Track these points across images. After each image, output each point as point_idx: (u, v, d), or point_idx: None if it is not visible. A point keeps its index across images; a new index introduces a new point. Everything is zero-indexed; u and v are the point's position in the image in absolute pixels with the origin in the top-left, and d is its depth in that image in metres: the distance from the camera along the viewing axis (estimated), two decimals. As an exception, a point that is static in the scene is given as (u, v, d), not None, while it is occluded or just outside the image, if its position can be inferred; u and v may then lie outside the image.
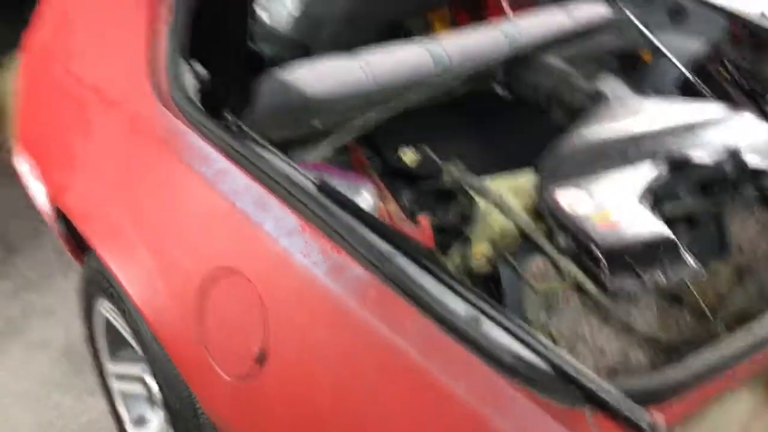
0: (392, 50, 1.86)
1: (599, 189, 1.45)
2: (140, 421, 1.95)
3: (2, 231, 2.93)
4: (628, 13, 2.29)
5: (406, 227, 1.49)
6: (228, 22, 1.81)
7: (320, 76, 1.70)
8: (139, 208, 1.45)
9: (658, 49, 2.25)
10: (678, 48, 2.32)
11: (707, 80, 2.34)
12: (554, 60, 1.93)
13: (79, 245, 1.86)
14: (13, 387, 2.28)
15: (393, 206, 1.59)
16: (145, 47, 1.53)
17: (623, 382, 1.00)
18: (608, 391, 0.95)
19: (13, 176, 2.07)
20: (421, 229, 1.48)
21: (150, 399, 1.85)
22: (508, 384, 0.97)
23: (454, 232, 1.50)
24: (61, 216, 1.77)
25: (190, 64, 1.55)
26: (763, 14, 2.29)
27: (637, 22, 2.27)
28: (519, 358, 0.99)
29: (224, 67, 1.63)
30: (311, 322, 1.13)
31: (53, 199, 1.73)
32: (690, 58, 2.30)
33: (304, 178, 1.29)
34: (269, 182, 1.25)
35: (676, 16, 2.40)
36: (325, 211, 1.18)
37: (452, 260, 1.46)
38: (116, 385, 1.96)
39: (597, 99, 1.79)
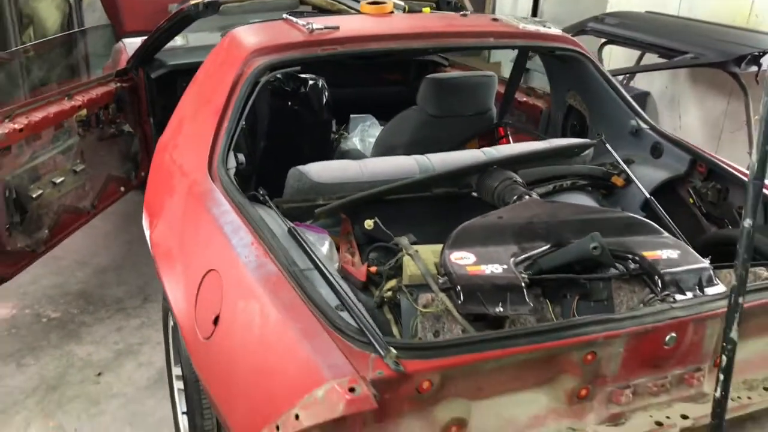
0: (391, 159, 2.60)
1: (486, 252, 2.02)
2: (186, 414, 2.66)
3: (145, 285, 3.91)
4: (608, 146, 2.86)
5: (350, 266, 2.17)
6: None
7: (327, 169, 2.48)
8: (182, 238, 2.26)
9: (628, 176, 2.77)
10: (650, 176, 2.84)
11: (676, 202, 2.82)
12: (506, 171, 2.54)
13: (166, 277, 2.70)
14: (119, 389, 3.12)
15: (353, 254, 2.27)
16: (210, 142, 2.40)
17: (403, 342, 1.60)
18: (381, 342, 1.54)
19: None
20: (359, 269, 2.15)
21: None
22: (328, 332, 1.60)
23: (385, 275, 2.14)
24: (156, 253, 2.63)
25: (235, 155, 2.40)
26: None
27: (613, 153, 2.83)
28: (345, 322, 1.61)
29: (253, 160, 2.47)
30: (241, 296, 1.83)
31: (150, 238, 2.59)
32: (658, 184, 2.79)
33: (280, 226, 2.03)
34: (248, 220, 2.01)
35: (655, 152, 2.92)
36: (271, 239, 1.91)
37: (378, 292, 2.09)
38: (176, 384, 2.71)
39: (523, 198, 2.37)
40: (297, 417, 1.48)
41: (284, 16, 2.90)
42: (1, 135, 2.96)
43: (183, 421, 2.64)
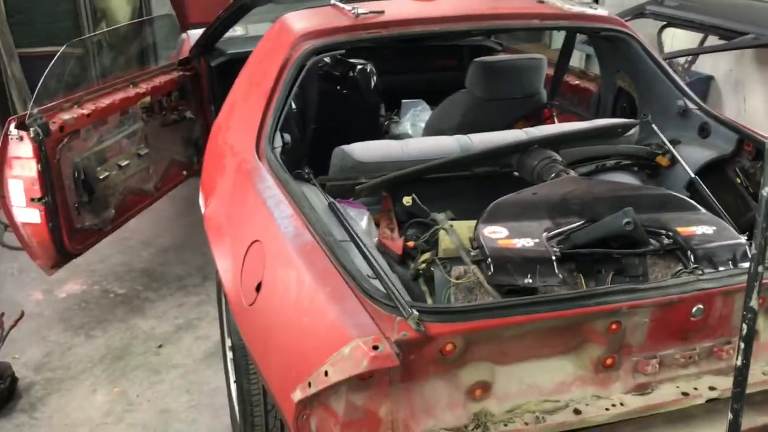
0: (434, 139, 2.67)
1: (519, 226, 2.07)
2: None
3: (205, 265, 4.10)
4: (654, 126, 2.85)
5: (388, 241, 2.25)
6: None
7: (369, 149, 2.56)
8: (230, 213, 2.39)
9: (673, 156, 2.76)
10: (696, 156, 2.81)
11: (722, 182, 2.78)
12: (546, 150, 2.57)
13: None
14: (178, 360, 3.30)
15: (392, 230, 2.35)
16: (258, 123, 2.52)
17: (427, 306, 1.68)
18: (405, 305, 1.62)
19: None
20: (396, 243, 2.23)
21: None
22: (358, 296, 1.69)
23: (422, 248, 2.21)
24: (210, 229, 2.78)
25: (281, 135, 2.51)
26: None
27: (659, 132, 2.82)
28: (373, 288, 1.70)
29: (303, 141, 2.58)
30: (280, 264, 1.94)
31: (204, 215, 2.74)
32: (704, 164, 2.77)
33: (321, 201, 2.13)
34: (289, 195, 2.12)
35: (702, 132, 2.89)
36: (310, 211, 2.01)
37: (413, 264, 2.16)
38: (228, 355, 2.85)
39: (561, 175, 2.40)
40: (326, 373, 1.57)
41: (332, 2, 3.00)
42: (69, 119, 3.17)
43: (235, 389, 2.78)
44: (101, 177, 3.41)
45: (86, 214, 3.35)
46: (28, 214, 3.13)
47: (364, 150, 2.56)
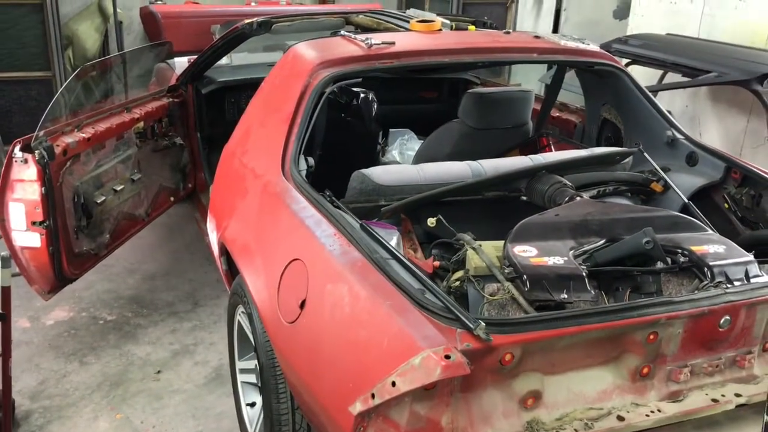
0: (446, 164, 2.78)
1: (546, 246, 2.19)
2: (251, 405, 2.81)
3: (194, 291, 4.08)
4: (646, 155, 3.02)
5: (417, 260, 2.33)
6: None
7: (388, 172, 2.65)
8: (259, 233, 2.43)
9: (666, 182, 2.93)
10: (687, 183, 2.99)
11: (710, 207, 2.97)
12: (554, 176, 2.71)
13: (232, 274, 2.86)
14: (179, 385, 3.27)
15: (415, 250, 2.44)
16: (281, 147, 2.58)
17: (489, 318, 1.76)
18: (468, 317, 1.70)
19: (210, 257, 3.14)
20: (426, 262, 2.31)
21: (258, 387, 2.71)
22: (417, 310, 1.76)
23: (450, 268, 2.30)
24: (224, 252, 2.80)
25: (306, 158, 2.58)
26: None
27: (651, 161, 2.99)
28: (430, 301, 1.78)
29: (321, 162, 2.65)
30: (328, 281, 1.99)
31: (221, 238, 2.77)
32: (695, 190, 2.95)
33: (353, 220, 2.20)
34: (325, 214, 2.18)
35: (690, 161, 3.08)
36: (351, 230, 2.08)
37: (445, 282, 2.25)
38: (240, 378, 2.86)
39: (575, 198, 2.54)
40: (393, 384, 1.63)
41: (342, 33, 3.10)
42: (72, 143, 3.15)
43: (248, 412, 2.78)
44: (98, 201, 3.39)
45: (84, 238, 3.32)
46: (28, 238, 3.08)
47: (383, 173, 2.65)
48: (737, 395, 1.98)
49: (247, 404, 2.83)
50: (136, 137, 3.74)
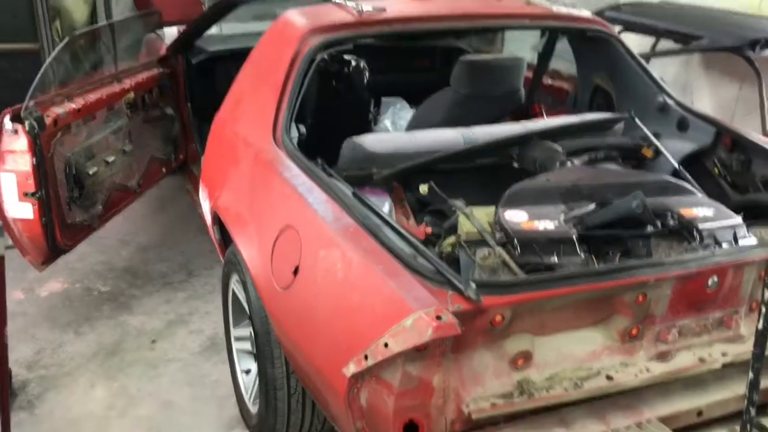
0: (438, 131, 2.78)
1: (537, 210, 2.20)
2: (246, 372, 2.84)
3: (187, 262, 4.10)
4: (637, 121, 3.03)
5: (409, 226, 2.35)
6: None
7: (380, 140, 2.66)
8: (252, 201, 2.44)
9: (657, 148, 2.94)
10: (677, 148, 3.01)
11: (701, 172, 2.98)
12: (546, 142, 2.72)
13: (225, 244, 2.87)
14: (174, 354, 3.30)
15: (407, 217, 2.45)
16: (272, 116, 2.58)
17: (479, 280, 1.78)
18: (459, 279, 1.72)
19: (202, 228, 3.13)
20: (417, 229, 2.33)
21: (253, 354, 2.74)
22: (408, 273, 1.78)
23: (442, 234, 2.32)
24: (217, 221, 2.80)
25: (297, 126, 2.58)
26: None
27: (642, 127, 3.00)
28: (421, 265, 1.79)
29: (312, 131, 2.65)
30: (321, 246, 2.01)
31: (213, 207, 2.77)
32: (685, 155, 2.96)
33: (345, 188, 2.21)
34: (317, 182, 2.19)
35: (681, 126, 3.09)
36: (343, 197, 2.09)
37: (437, 248, 2.26)
38: (235, 345, 2.88)
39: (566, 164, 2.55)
40: (386, 345, 1.65)
41: (332, -1, 3.09)
42: (62, 113, 3.13)
43: (243, 379, 2.81)
44: (90, 173, 3.37)
45: (76, 209, 3.32)
46: (20, 210, 3.08)
47: (375, 141, 2.66)
48: (723, 354, 2.01)
49: (243, 371, 2.85)
50: (127, 108, 3.72)
